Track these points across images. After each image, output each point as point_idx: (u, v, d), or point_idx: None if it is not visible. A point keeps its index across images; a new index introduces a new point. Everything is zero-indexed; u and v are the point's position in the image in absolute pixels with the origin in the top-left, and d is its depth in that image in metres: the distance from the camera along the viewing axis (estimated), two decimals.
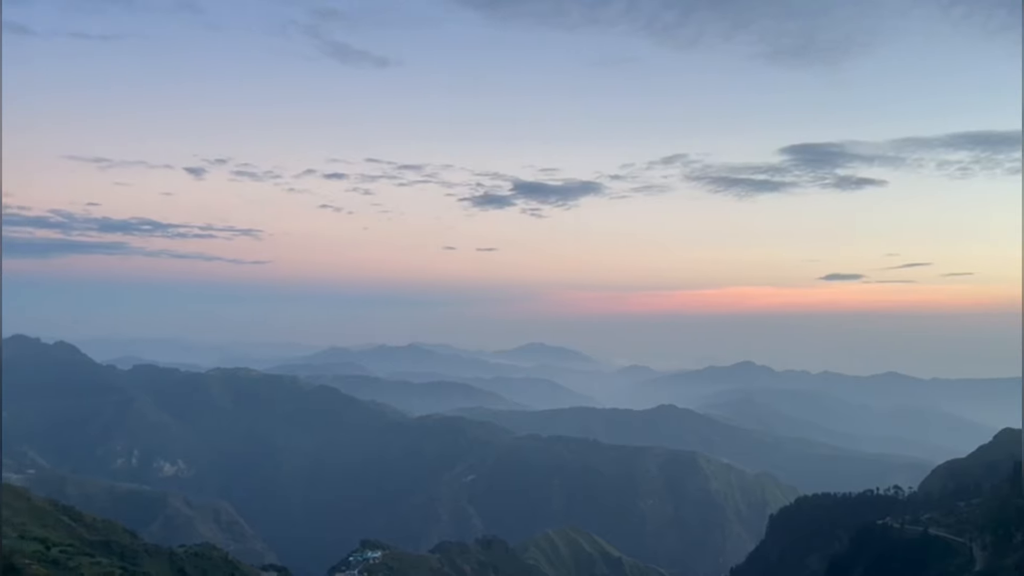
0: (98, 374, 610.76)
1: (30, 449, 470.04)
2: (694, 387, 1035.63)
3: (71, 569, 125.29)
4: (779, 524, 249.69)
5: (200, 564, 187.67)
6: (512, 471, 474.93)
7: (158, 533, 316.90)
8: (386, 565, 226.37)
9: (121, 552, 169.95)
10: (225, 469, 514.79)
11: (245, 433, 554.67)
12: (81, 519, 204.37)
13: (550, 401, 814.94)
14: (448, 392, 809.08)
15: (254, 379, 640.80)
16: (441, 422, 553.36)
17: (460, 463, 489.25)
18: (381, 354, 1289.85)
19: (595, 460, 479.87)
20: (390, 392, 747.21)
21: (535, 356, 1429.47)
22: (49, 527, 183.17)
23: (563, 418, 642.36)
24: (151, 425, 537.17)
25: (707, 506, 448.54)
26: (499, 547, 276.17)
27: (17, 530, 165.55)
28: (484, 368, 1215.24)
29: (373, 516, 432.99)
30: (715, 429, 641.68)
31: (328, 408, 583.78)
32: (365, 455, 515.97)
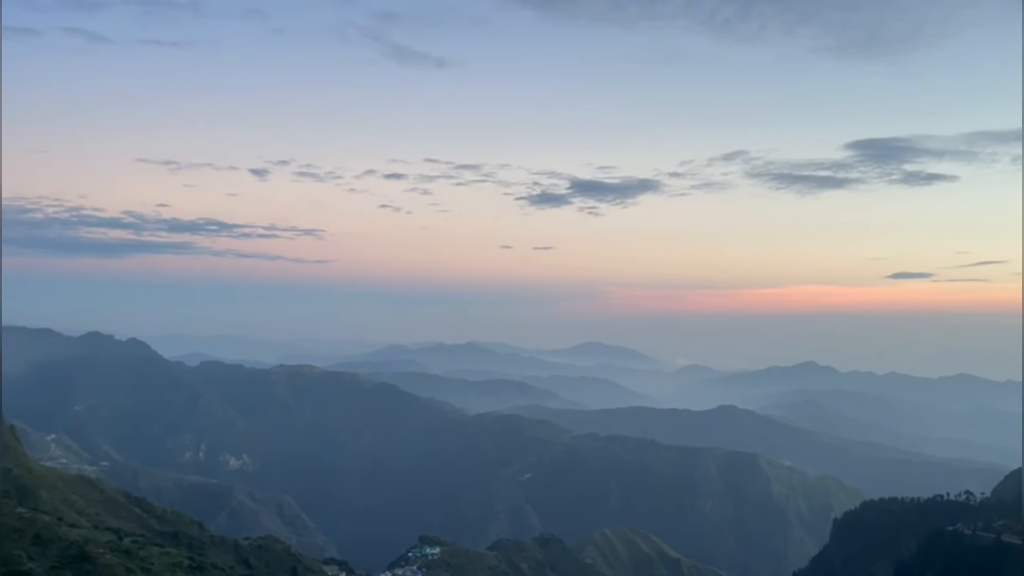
0: (167, 370, 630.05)
1: (104, 442, 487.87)
2: (755, 388, 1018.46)
3: (142, 559, 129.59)
4: (844, 529, 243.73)
5: (264, 556, 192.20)
6: (569, 470, 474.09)
7: (224, 525, 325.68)
8: (445, 562, 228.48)
9: (189, 543, 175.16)
10: (288, 464, 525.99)
11: (307, 429, 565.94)
12: (151, 510, 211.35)
13: (607, 400, 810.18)
14: (505, 390, 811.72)
15: (316, 376, 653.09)
16: (498, 420, 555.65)
17: (517, 461, 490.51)
18: (439, 352, 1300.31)
19: (653, 460, 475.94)
20: (448, 390, 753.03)
21: (592, 355, 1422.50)
22: (122, 518, 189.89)
23: (621, 417, 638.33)
24: (217, 420, 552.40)
25: (768, 509, 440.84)
26: (556, 546, 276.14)
27: (92, 520, 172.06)
28: (541, 367, 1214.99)
29: (431, 512, 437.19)
30: (777, 431, 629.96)
31: (387, 405, 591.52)
32: (423, 452, 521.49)
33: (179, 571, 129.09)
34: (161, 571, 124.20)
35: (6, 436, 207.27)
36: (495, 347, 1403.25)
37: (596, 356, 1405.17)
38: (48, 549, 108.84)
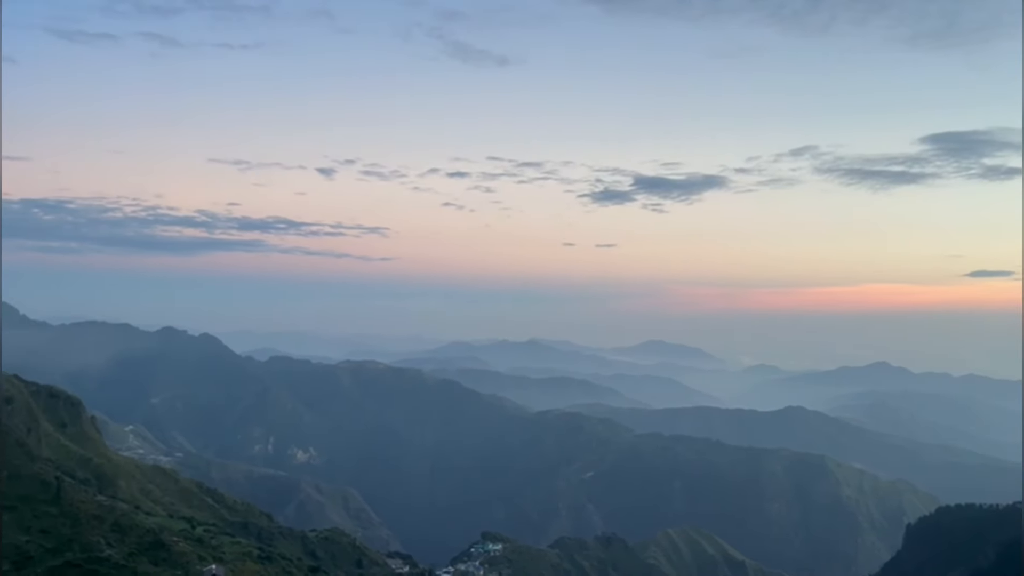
0: (238, 365, 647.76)
1: (178, 434, 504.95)
2: (824, 388, 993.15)
3: (214, 548, 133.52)
4: (917, 535, 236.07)
5: (330, 548, 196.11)
6: (632, 469, 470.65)
7: (292, 517, 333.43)
8: (506, 558, 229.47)
9: (258, 533, 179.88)
10: (353, 458, 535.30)
11: (372, 423, 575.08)
12: (223, 501, 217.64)
13: (671, 400, 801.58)
14: (567, 388, 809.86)
15: (381, 371, 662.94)
16: (560, 418, 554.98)
17: (579, 459, 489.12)
18: (501, 349, 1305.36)
19: (718, 461, 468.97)
20: (510, 386, 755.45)
21: (656, 353, 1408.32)
22: (195, 507, 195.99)
23: (685, 417, 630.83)
24: (286, 414, 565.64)
25: (837, 512, 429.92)
26: (618, 545, 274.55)
27: (167, 509, 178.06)
28: (603, 365, 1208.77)
29: (493, 508, 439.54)
30: (847, 432, 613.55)
31: (450, 401, 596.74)
32: (486, 448, 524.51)
33: (249, 561, 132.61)
34: (232, 560, 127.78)
35: (87, 427, 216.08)
36: (557, 344, 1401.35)
37: (659, 355, 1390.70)
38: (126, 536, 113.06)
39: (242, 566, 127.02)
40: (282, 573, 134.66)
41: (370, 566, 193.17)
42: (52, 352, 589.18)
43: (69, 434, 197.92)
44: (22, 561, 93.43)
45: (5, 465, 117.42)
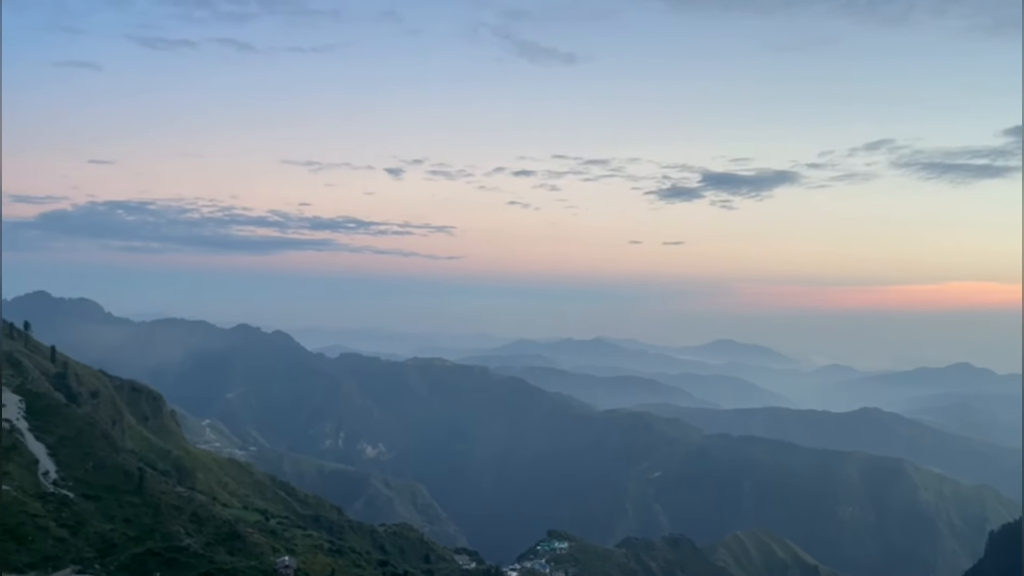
0: (309, 361, 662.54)
1: (252, 428, 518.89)
2: (902, 390, 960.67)
3: (286, 540, 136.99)
4: (1001, 542, 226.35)
5: (398, 543, 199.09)
6: (700, 470, 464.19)
7: (361, 511, 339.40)
8: (573, 557, 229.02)
9: (329, 527, 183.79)
10: (421, 453, 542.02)
11: (439, 420, 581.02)
12: (295, 494, 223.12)
13: (741, 400, 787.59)
14: (633, 387, 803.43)
15: (448, 368, 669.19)
16: (627, 417, 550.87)
17: (646, 459, 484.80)
18: (567, 347, 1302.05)
19: (789, 462, 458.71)
20: (575, 385, 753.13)
21: (725, 353, 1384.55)
22: (268, 500, 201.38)
23: (755, 418, 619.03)
24: (356, 410, 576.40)
25: (915, 517, 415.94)
26: (686, 546, 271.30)
27: (242, 501, 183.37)
28: (670, 364, 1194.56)
29: (559, 506, 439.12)
30: (925, 435, 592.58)
31: (516, 398, 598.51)
32: (551, 446, 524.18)
33: (320, 553, 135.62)
34: (304, 552, 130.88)
35: (168, 420, 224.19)
36: (623, 343, 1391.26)
37: (729, 354, 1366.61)
38: (204, 526, 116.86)
39: (313, 558, 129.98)
40: (352, 566, 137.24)
41: (438, 561, 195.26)
42: (135, 348, 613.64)
43: (151, 427, 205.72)
44: (107, 549, 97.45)
45: (92, 456, 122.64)
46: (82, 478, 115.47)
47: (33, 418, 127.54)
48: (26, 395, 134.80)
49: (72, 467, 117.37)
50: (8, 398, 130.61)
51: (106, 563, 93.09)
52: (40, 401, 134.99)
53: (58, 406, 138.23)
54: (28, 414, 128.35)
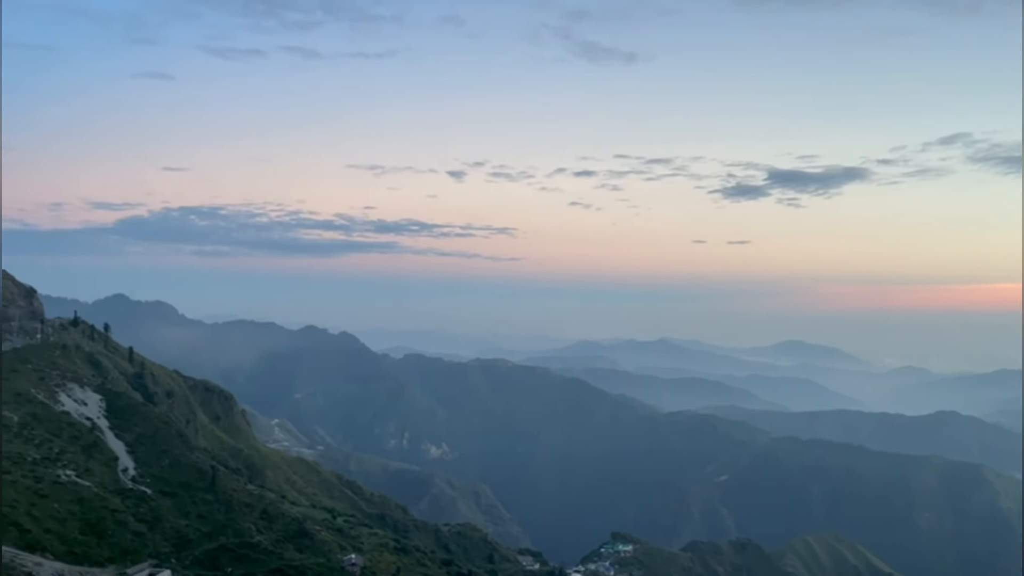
0: (374, 362, 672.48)
1: (319, 427, 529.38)
2: (981, 392, 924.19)
3: (353, 538, 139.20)
4: None
5: (462, 542, 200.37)
6: (768, 473, 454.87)
7: (425, 510, 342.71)
8: (637, 559, 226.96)
9: (394, 525, 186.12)
10: (483, 454, 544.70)
11: (501, 420, 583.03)
12: (361, 493, 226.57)
13: (810, 402, 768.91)
14: (698, 389, 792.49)
15: (510, 369, 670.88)
16: (692, 419, 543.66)
17: (712, 461, 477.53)
18: (630, 348, 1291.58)
19: (861, 467, 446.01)
20: (639, 386, 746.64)
21: (793, 354, 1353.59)
22: (335, 498, 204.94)
23: (825, 420, 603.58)
24: (420, 410, 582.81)
25: (996, 525, 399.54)
26: (753, 550, 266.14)
27: (309, 499, 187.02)
28: (737, 365, 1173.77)
29: (623, 509, 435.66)
30: (1006, 440, 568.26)
31: (578, 400, 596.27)
32: (614, 448, 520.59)
33: (386, 552, 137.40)
34: (370, 550, 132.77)
35: (239, 419, 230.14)
36: (688, 344, 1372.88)
37: (797, 355, 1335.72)
38: (273, 523, 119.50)
39: (379, 556, 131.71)
40: (417, 565, 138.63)
41: (501, 562, 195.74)
42: (207, 349, 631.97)
43: (222, 426, 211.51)
44: (182, 544, 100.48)
45: (167, 454, 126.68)
46: (158, 475, 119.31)
47: (113, 417, 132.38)
48: (106, 394, 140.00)
49: (149, 464, 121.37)
50: (90, 397, 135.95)
51: (181, 558, 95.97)
52: (119, 400, 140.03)
53: (136, 405, 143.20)
54: (108, 413, 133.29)
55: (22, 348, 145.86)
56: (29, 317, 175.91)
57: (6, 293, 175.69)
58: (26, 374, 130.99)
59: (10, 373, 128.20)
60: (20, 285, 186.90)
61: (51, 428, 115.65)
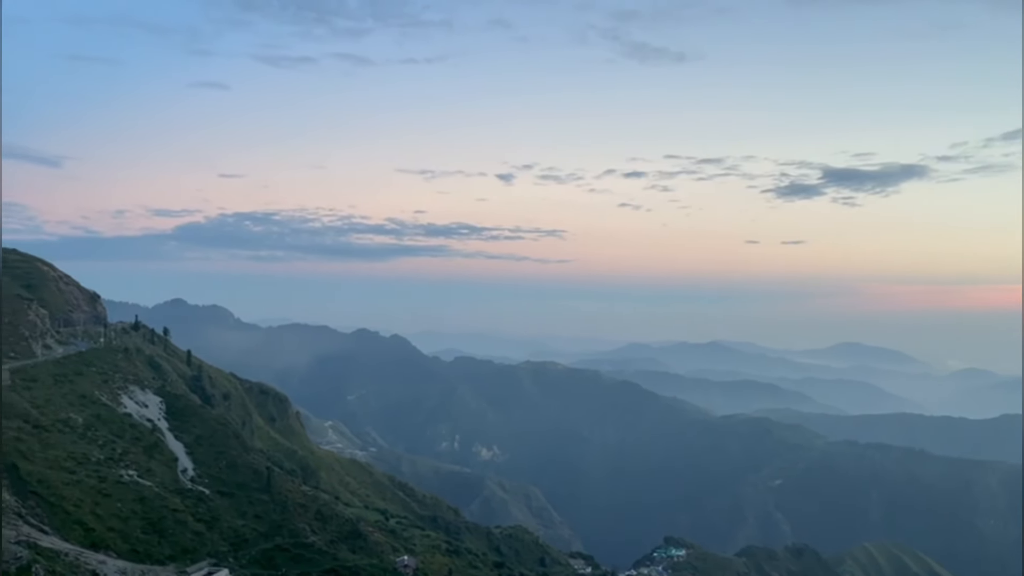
0: (425, 364, 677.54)
1: (372, 429, 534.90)
2: None
3: (405, 539, 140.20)
4: None
5: (514, 545, 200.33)
6: (824, 478, 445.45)
7: (476, 512, 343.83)
8: (691, 564, 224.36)
9: (446, 527, 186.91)
10: (534, 456, 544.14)
11: (552, 423, 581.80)
12: (413, 494, 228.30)
13: (868, 405, 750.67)
14: (752, 392, 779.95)
15: (560, 372, 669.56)
16: (746, 422, 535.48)
17: (767, 466, 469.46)
18: (681, 351, 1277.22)
19: (922, 472, 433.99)
20: (690, 389, 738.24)
21: (850, 356, 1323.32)
22: (388, 500, 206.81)
23: (883, 424, 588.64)
24: (471, 412, 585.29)
25: None
26: (810, 557, 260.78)
27: (362, 500, 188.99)
28: (791, 368, 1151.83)
29: (675, 513, 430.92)
30: None
31: (629, 403, 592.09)
32: (666, 451, 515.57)
33: (438, 554, 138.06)
34: (422, 552, 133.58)
35: (293, 421, 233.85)
36: (741, 346, 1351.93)
37: (854, 357, 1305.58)
38: (327, 524, 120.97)
39: (431, 558, 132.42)
40: (469, 567, 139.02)
41: (553, 565, 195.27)
42: (262, 352, 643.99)
43: (277, 428, 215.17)
44: (239, 543, 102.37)
45: (225, 455, 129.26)
46: (216, 475, 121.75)
47: (172, 418, 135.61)
48: (166, 396, 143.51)
49: (207, 465, 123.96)
50: (150, 399, 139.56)
51: (239, 557, 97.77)
52: (178, 402, 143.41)
53: (194, 407, 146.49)
54: (168, 414, 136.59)
55: (86, 351, 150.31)
56: (93, 321, 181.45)
57: (71, 298, 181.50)
58: (90, 377, 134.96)
59: (75, 376, 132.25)
60: (84, 290, 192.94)
61: (114, 429, 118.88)
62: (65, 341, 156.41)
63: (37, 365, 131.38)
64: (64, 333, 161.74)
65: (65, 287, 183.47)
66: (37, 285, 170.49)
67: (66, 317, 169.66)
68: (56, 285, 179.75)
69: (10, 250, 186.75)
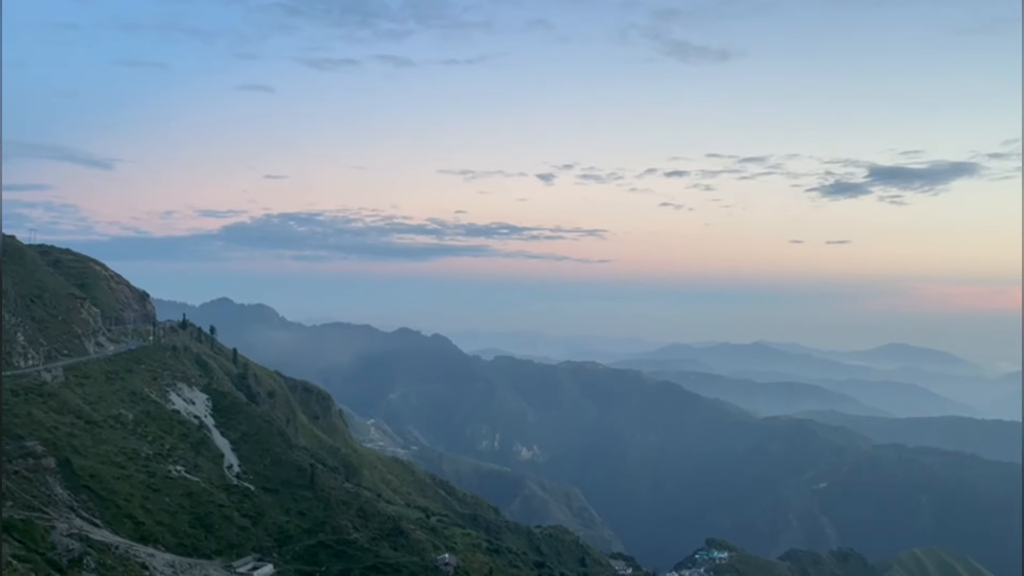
0: (466, 364, 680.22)
1: (413, 428, 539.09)
2: None
3: (446, 537, 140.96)
4: None
5: (554, 545, 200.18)
6: (870, 481, 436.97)
7: (517, 512, 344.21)
8: (733, 567, 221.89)
9: (487, 526, 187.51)
10: (575, 457, 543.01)
11: (592, 423, 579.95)
12: (454, 493, 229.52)
13: (915, 408, 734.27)
14: (796, 393, 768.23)
15: (600, 372, 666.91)
16: (790, 424, 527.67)
17: (811, 468, 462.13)
18: (724, 352, 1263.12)
19: (973, 477, 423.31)
20: (733, 391, 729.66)
21: (897, 358, 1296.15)
22: (429, 498, 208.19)
23: (932, 427, 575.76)
24: (511, 412, 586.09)
25: None
26: (856, 561, 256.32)
27: (404, 498, 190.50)
28: (837, 369, 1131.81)
29: (717, 515, 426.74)
30: None
31: (671, 404, 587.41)
32: (708, 453, 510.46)
33: (479, 552, 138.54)
34: (463, 550, 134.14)
35: (336, 419, 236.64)
36: (785, 347, 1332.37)
37: (902, 359, 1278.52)
38: (369, 522, 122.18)
39: (472, 556, 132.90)
40: (509, 566, 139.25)
41: (593, 565, 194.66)
42: (306, 350, 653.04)
43: (321, 425, 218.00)
44: (283, 539, 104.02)
45: (269, 452, 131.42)
46: (261, 472, 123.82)
47: (219, 415, 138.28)
48: (212, 394, 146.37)
49: (252, 461, 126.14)
50: (197, 396, 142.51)
51: (283, 552, 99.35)
52: (224, 400, 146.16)
53: (240, 404, 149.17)
54: (214, 411, 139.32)
55: (136, 349, 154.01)
56: (143, 320, 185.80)
57: (122, 297, 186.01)
58: (140, 374, 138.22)
59: (126, 374, 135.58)
60: (134, 289, 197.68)
61: (163, 426, 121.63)
62: (116, 339, 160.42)
63: (89, 363, 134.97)
64: (115, 331, 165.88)
65: (116, 286, 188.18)
66: (90, 284, 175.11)
67: (117, 316, 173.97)
68: (108, 284, 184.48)
69: (63, 250, 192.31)
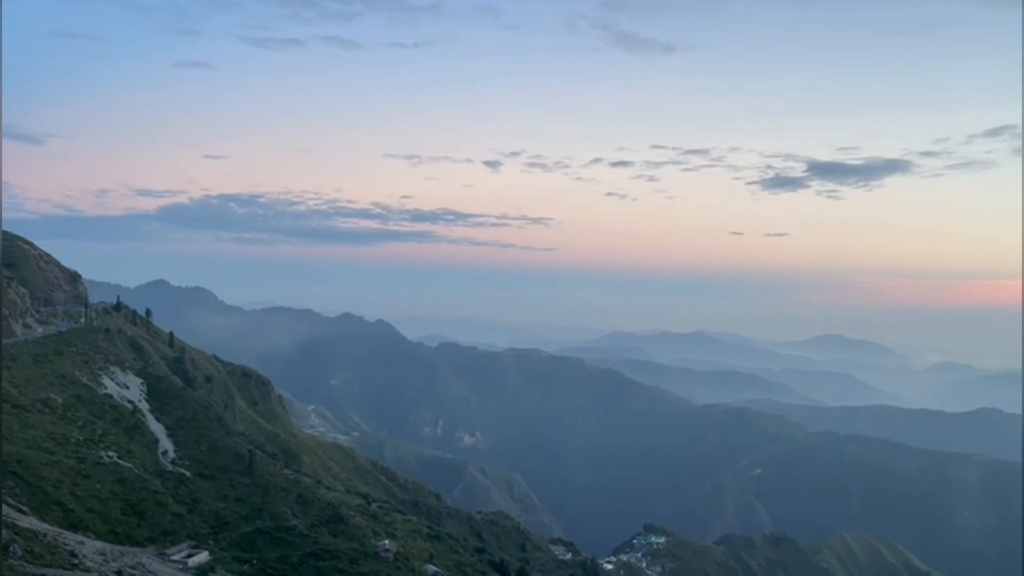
0: (409, 350, 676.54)
1: (355, 414, 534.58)
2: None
3: (387, 524, 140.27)
4: None
5: (495, 531, 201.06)
6: (803, 468, 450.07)
7: (458, 498, 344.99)
8: (670, 551, 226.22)
9: (428, 512, 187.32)
10: (517, 443, 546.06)
11: (535, 410, 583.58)
12: (395, 479, 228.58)
13: (848, 397, 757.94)
14: (734, 382, 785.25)
15: (544, 360, 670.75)
16: (727, 412, 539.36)
17: (747, 455, 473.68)
18: (665, 340, 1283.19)
19: (900, 464, 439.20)
20: (673, 379, 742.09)
21: (831, 348, 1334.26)
22: (370, 484, 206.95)
23: (863, 416, 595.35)
24: (454, 398, 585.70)
25: None
26: (788, 546, 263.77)
27: (344, 484, 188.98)
28: (773, 359, 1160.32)
29: (656, 501, 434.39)
30: None
31: (613, 392, 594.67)
32: (648, 440, 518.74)
33: (419, 538, 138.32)
34: (403, 536, 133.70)
35: (275, 405, 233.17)
36: (724, 337, 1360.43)
37: (836, 350, 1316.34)
38: (309, 508, 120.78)
39: (412, 542, 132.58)
40: (449, 552, 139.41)
41: (534, 551, 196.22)
42: (245, 335, 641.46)
43: (260, 411, 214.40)
44: (220, 526, 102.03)
45: (206, 437, 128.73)
46: (197, 458, 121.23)
47: (153, 400, 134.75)
48: (147, 378, 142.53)
49: (188, 447, 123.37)
50: (131, 380, 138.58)
51: (219, 539, 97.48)
52: (160, 384, 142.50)
53: (176, 389, 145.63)
54: (149, 396, 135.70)
55: (67, 331, 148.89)
56: (74, 301, 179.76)
57: (51, 278, 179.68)
58: (71, 357, 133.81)
59: (55, 356, 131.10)
60: (65, 270, 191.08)
61: (94, 410, 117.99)
62: (45, 321, 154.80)
63: (17, 345, 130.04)
64: (44, 313, 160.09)
65: (46, 266, 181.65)
66: (18, 264, 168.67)
67: (46, 296, 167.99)
68: (37, 264, 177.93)
69: None
